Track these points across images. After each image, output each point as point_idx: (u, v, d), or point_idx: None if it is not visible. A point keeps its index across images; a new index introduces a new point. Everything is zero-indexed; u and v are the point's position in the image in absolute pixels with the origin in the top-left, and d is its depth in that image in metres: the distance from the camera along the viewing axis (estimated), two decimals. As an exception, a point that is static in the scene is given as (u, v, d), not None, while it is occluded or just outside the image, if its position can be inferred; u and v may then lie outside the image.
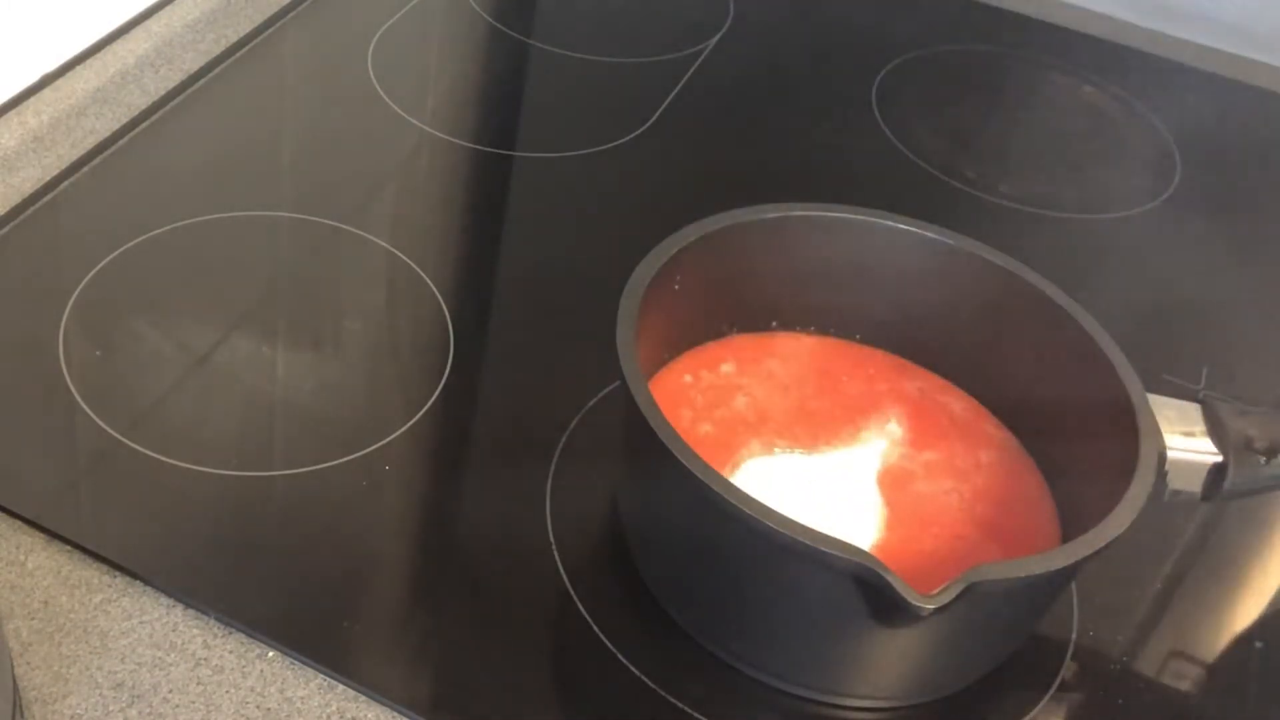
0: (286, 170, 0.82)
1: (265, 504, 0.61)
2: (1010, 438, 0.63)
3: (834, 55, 1.00)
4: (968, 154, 0.91)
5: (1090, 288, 0.64)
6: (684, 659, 0.56)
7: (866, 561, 0.48)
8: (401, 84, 0.88)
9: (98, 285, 0.69)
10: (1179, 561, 0.66)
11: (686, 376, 0.63)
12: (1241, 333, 0.80)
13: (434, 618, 0.58)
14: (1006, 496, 0.60)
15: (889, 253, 0.64)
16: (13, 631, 0.54)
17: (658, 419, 0.52)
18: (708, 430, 0.60)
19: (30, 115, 0.80)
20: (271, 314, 0.72)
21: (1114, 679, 0.59)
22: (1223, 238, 0.87)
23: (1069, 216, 0.87)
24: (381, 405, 0.67)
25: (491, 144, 0.85)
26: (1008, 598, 0.53)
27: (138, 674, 0.53)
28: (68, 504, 0.60)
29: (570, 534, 0.60)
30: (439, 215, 0.81)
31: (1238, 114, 0.98)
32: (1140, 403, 0.56)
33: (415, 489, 0.64)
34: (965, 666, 0.56)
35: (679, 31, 0.97)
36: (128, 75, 0.84)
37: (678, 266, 0.60)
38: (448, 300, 0.72)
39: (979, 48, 1.03)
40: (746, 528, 0.50)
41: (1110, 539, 0.51)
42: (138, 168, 0.78)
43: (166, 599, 0.56)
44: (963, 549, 0.57)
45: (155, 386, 0.65)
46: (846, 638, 0.53)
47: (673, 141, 0.87)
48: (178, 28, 0.89)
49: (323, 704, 0.53)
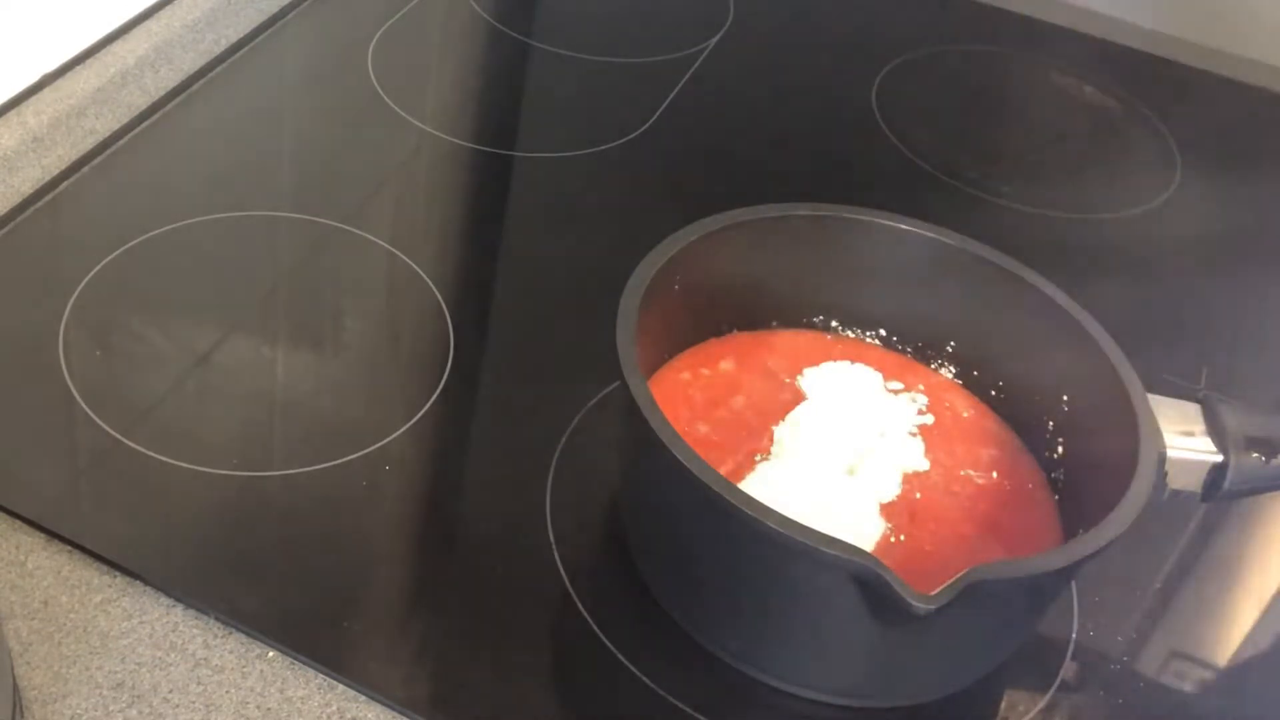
0: (286, 170, 0.82)
1: (265, 504, 0.61)
2: (1011, 437, 0.63)
3: (834, 55, 1.00)
4: (968, 154, 0.91)
5: (1090, 288, 0.64)
6: (684, 659, 0.56)
7: (866, 561, 0.48)
8: (401, 84, 0.88)
9: (98, 285, 0.69)
10: (1179, 561, 0.66)
11: (685, 374, 0.63)
12: (1241, 333, 0.80)
13: (434, 617, 0.58)
14: (1007, 496, 0.60)
15: (889, 252, 0.64)
16: (13, 631, 0.54)
17: (658, 419, 0.52)
18: (706, 430, 0.60)
19: (30, 115, 0.80)
20: (271, 314, 0.72)
21: (1114, 679, 0.59)
22: (1223, 238, 0.87)
23: (1069, 216, 0.87)
24: (381, 405, 0.67)
25: (491, 144, 0.85)
26: (1008, 598, 0.53)
27: (138, 674, 0.53)
28: (68, 504, 0.60)
29: (570, 534, 0.60)
30: (439, 215, 0.81)
31: (1238, 114, 0.98)
32: (1140, 403, 0.56)
33: (415, 489, 0.64)
34: (965, 666, 0.56)
35: (679, 31, 0.97)
36: (128, 75, 0.84)
37: (678, 266, 0.60)
38: (448, 300, 0.72)
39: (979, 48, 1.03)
40: (746, 528, 0.50)
41: (1110, 539, 0.51)
42: (138, 168, 0.78)
43: (166, 599, 0.56)
44: (963, 549, 0.57)
45: (155, 386, 0.65)
46: (846, 638, 0.53)
47: (673, 141, 0.87)
48: (178, 28, 0.89)
49: (323, 704, 0.53)
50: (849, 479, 0.59)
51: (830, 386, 0.63)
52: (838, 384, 0.63)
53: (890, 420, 0.62)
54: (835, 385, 0.63)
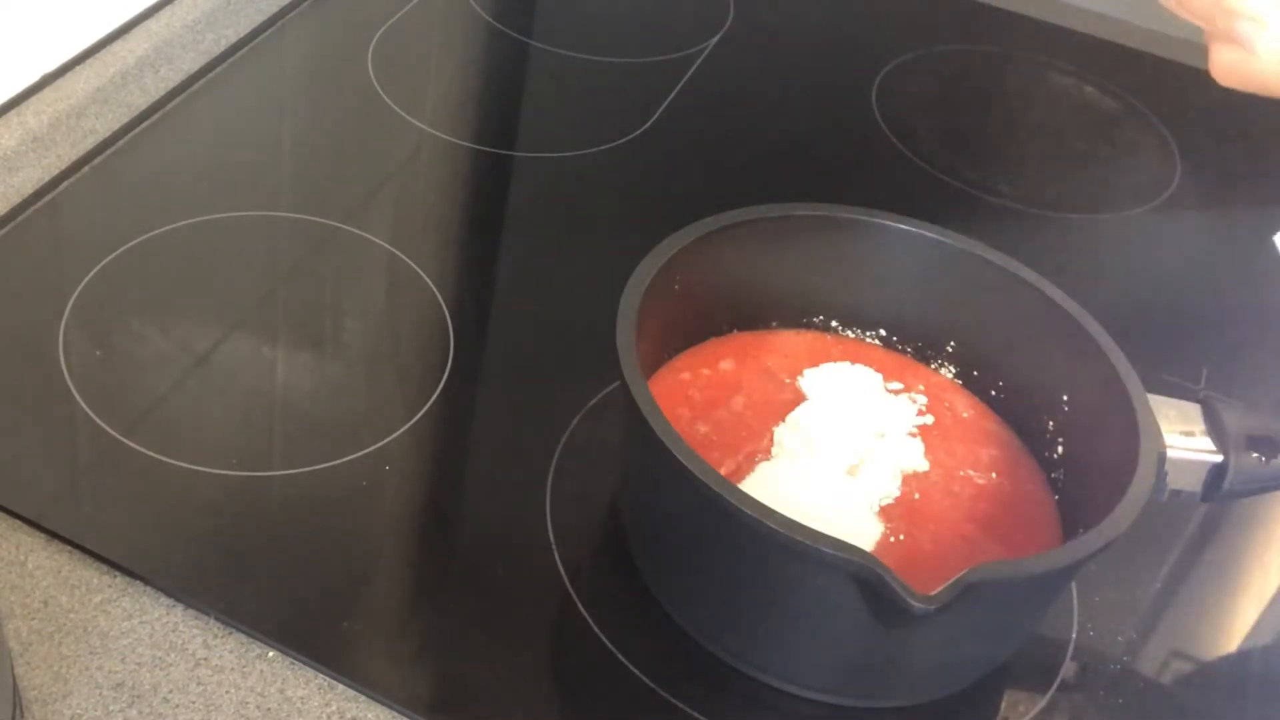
0: (286, 170, 0.82)
1: (265, 504, 0.61)
2: (1011, 437, 0.63)
3: (834, 55, 1.00)
4: (968, 154, 0.91)
5: (1090, 288, 0.64)
6: (684, 659, 0.56)
7: (866, 561, 0.48)
8: (401, 84, 0.88)
9: (98, 285, 0.69)
10: (1179, 561, 0.66)
11: (685, 374, 0.63)
12: (1241, 333, 0.80)
13: (434, 618, 0.58)
14: (1007, 496, 0.60)
15: (889, 253, 0.64)
16: (13, 631, 0.54)
17: (658, 419, 0.52)
18: (706, 430, 0.60)
19: (30, 115, 0.80)
20: (271, 314, 0.72)
21: (1114, 679, 0.59)
22: (1223, 238, 0.87)
23: (1069, 216, 0.87)
24: (381, 405, 0.67)
25: (491, 144, 0.85)
26: (1008, 598, 0.53)
27: (138, 674, 0.53)
28: (68, 504, 0.60)
29: (570, 534, 0.60)
30: (439, 215, 0.81)
31: (1238, 114, 0.98)
32: (1140, 403, 0.56)
33: (415, 489, 0.64)
34: (965, 666, 0.56)
35: (679, 31, 0.97)
36: (128, 75, 0.84)
37: (678, 266, 0.60)
38: (448, 300, 0.72)
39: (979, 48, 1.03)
40: (746, 528, 0.50)
41: (1110, 539, 0.51)
42: (138, 168, 0.78)
43: (166, 599, 0.56)
44: (963, 549, 0.57)
45: (155, 386, 0.65)
46: (846, 638, 0.53)
47: (673, 141, 0.87)
48: (178, 28, 0.89)
49: (323, 704, 0.53)
50: (849, 479, 0.59)
51: (830, 386, 0.63)
52: (838, 384, 0.63)
53: (890, 420, 0.62)
54: (835, 385, 0.63)
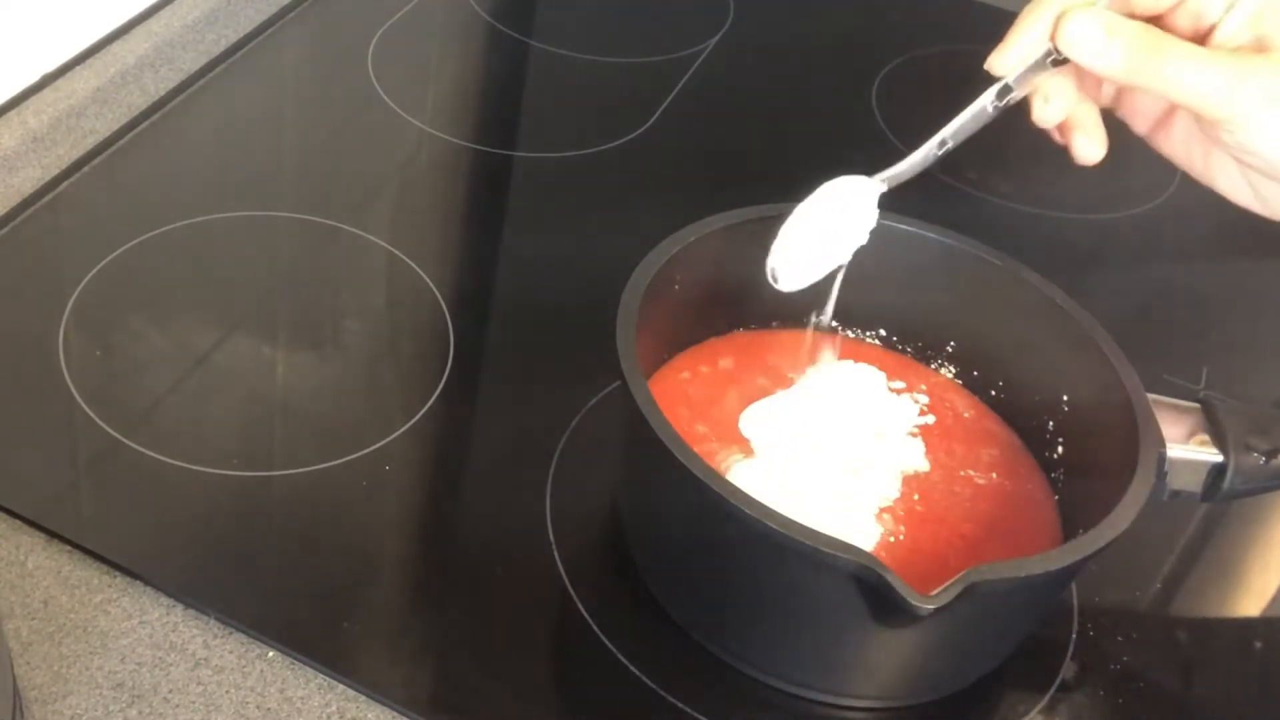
0: (286, 170, 0.82)
1: (265, 504, 0.61)
2: (1011, 437, 0.63)
3: (834, 55, 1.00)
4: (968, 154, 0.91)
5: (1090, 288, 0.64)
6: (684, 659, 0.56)
7: (866, 561, 0.48)
8: (401, 84, 0.88)
9: (98, 285, 0.69)
10: (1179, 561, 0.66)
11: (685, 374, 0.63)
12: (1241, 333, 0.80)
13: (434, 618, 0.58)
14: (1007, 496, 0.60)
15: (889, 252, 0.64)
16: (13, 631, 0.54)
17: (658, 419, 0.52)
18: (705, 430, 0.60)
19: (30, 115, 0.80)
20: (271, 314, 0.72)
21: (1114, 679, 0.59)
22: (1222, 238, 0.87)
23: (1069, 216, 0.87)
24: (381, 405, 0.67)
25: (491, 144, 0.85)
26: (1008, 598, 0.53)
27: (138, 674, 0.53)
28: (68, 504, 0.60)
29: (570, 534, 0.60)
30: (439, 215, 0.81)
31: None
32: (1140, 403, 0.56)
33: (415, 489, 0.64)
34: (965, 666, 0.56)
35: (679, 31, 0.97)
36: (128, 75, 0.84)
37: (678, 266, 0.60)
38: (448, 300, 0.72)
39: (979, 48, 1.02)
40: (746, 528, 0.50)
41: (1110, 539, 0.51)
42: (138, 168, 0.78)
43: (166, 599, 0.56)
44: (963, 549, 0.57)
45: (155, 386, 0.65)
46: (846, 637, 0.53)
47: (673, 141, 0.87)
48: (178, 28, 0.89)
49: (323, 704, 0.53)
50: (849, 479, 0.59)
51: (830, 386, 0.63)
52: (838, 384, 0.63)
53: (890, 420, 0.62)
54: (835, 385, 0.63)
